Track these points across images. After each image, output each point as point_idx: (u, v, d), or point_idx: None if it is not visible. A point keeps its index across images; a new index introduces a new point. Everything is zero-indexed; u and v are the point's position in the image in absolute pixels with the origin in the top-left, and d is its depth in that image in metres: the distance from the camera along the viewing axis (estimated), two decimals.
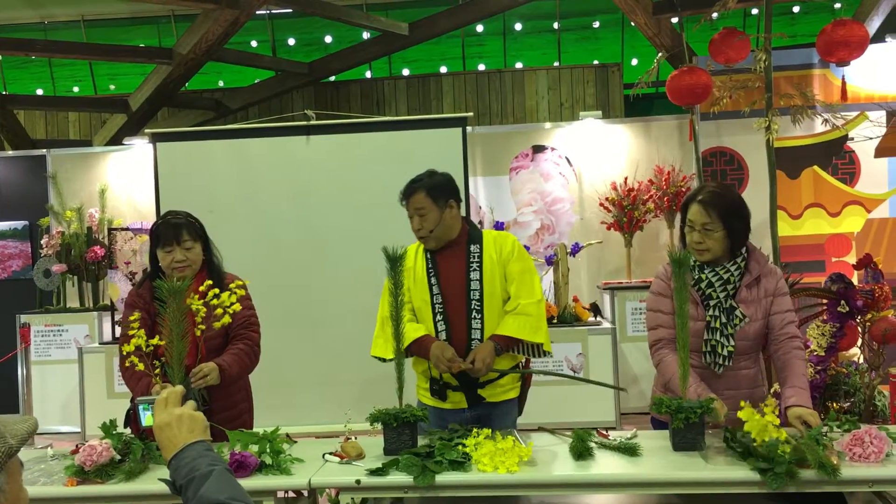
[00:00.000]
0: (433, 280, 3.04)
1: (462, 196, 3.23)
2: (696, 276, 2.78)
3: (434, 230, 3.03)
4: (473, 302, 3.01)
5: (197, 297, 2.86)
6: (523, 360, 3.15)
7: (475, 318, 3.00)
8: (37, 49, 8.16)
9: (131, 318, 2.95)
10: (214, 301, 2.85)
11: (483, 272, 3.02)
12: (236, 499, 1.43)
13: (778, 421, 2.30)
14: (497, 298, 3.02)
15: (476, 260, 3.04)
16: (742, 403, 2.39)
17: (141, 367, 2.78)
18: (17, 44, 8.08)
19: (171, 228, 3.07)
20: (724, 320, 2.73)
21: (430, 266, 3.06)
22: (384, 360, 3.02)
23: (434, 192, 3.04)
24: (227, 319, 2.87)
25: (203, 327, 2.81)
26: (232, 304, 2.89)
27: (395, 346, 2.73)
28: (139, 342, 2.76)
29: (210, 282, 2.94)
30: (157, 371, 2.82)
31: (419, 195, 3.03)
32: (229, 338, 3.13)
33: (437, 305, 3.01)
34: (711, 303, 2.76)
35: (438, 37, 8.69)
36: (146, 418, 1.83)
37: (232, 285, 2.98)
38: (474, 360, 2.88)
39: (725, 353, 2.72)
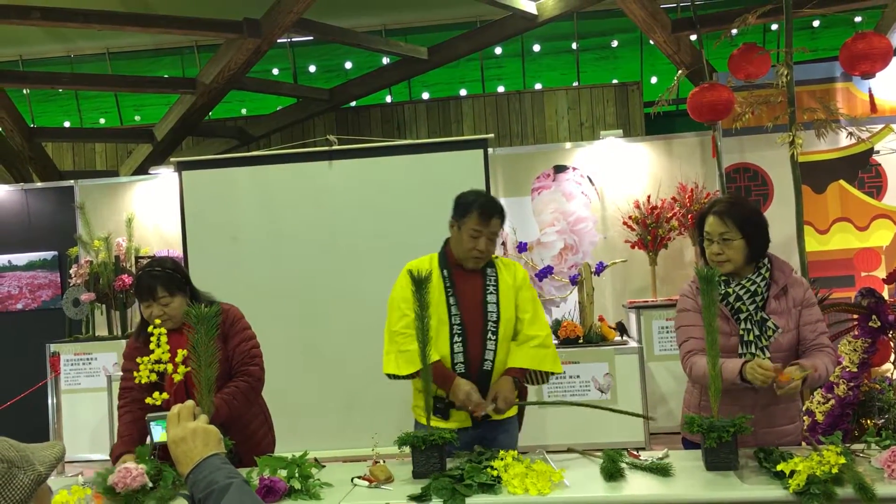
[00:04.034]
0: (451, 300, 3.02)
1: None
2: (724, 291, 2.76)
3: (490, 255, 3.09)
4: (490, 324, 3.00)
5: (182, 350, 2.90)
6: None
7: (490, 340, 3.00)
8: (63, 82, 8.33)
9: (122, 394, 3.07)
10: (159, 367, 2.88)
11: (500, 296, 3.03)
12: None
13: (843, 460, 2.24)
14: (510, 323, 3.03)
15: (493, 283, 3.05)
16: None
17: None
18: (45, 77, 8.24)
19: (147, 284, 3.02)
20: (757, 333, 2.71)
21: (447, 285, 3.04)
22: (396, 377, 3.00)
23: (504, 221, 3.08)
24: (178, 378, 2.89)
25: (179, 375, 2.86)
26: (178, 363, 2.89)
27: (423, 370, 2.71)
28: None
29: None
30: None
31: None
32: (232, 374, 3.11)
33: (455, 326, 3.00)
34: (742, 316, 2.74)
35: (457, 60, 8.75)
36: (159, 434, 1.84)
37: (156, 332, 2.95)
38: (496, 400, 2.88)
39: None
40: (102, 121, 10.67)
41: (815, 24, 9.11)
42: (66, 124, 10.54)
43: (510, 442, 3.06)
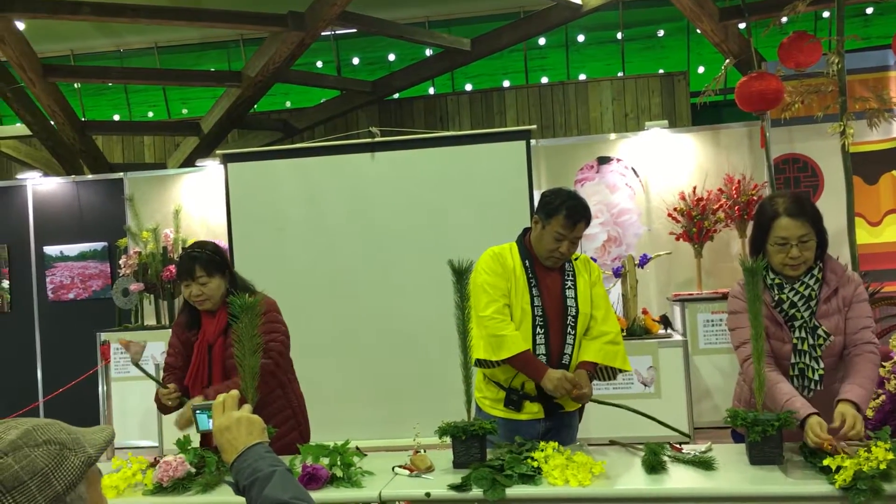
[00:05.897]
0: (535, 291, 3.02)
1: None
2: (777, 297, 2.65)
3: (570, 256, 3.08)
4: (569, 318, 3.01)
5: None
6: None
7: (570, 334, 3.01)
8: (113, 76, 8.50)
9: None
10: None
11: (577, 291, 3.04)
12: (300, 498, 1.46)
13: (892, 456, 2.18)
14: (586, 318, 3.04)
15: (571, 278, 3.06)
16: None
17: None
18: (95, 71, 8.44)
19: (186, 264, 3.09)
20: (811, 342, 2.61)
21: (530, 276, 3.03)
22: (486, 364, 2.96)
23: (589, 224, 3.06)
24: None
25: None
26: None
27: (462, 360, 2.72)
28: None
29: None
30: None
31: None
32: None
33: (537, 318, 2.99)
34: (797, 324, 2.63)
35: (501, 51, 8.72)
36: (203, 423, 1.89)
37: None
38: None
39: (816, 377, 2.60)
40: (151, 114, 10.87)
41: (869, 11, 8.88)
42: (116, 118, 10.76)
43: (573, 435, 3.13)
